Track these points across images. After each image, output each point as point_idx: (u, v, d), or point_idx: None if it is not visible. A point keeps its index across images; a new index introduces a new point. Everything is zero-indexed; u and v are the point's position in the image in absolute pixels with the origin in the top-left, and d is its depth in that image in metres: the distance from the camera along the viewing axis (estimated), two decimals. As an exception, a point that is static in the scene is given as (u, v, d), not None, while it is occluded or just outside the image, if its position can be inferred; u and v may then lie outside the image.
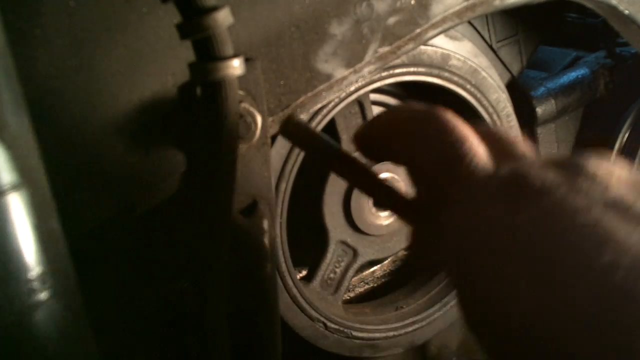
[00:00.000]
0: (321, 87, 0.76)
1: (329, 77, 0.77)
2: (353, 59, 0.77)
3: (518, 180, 0.40)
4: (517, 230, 0.38)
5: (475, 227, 0.40)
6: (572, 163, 0.40)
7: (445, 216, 0.43)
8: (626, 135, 1.31)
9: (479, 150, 0.44)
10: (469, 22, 1.13)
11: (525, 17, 1.23)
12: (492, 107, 1.10)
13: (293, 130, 0.59)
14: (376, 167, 1.04)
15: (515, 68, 1.23)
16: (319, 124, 0.94)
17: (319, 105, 0.81)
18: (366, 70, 0.79)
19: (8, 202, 0.39)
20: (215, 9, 0.55)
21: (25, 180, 0.40)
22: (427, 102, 1.22)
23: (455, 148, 0.43)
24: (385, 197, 0.53)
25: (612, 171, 0.40)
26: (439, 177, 0.44)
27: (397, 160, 0.49)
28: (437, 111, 0.46)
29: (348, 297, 1.23)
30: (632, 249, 0.34)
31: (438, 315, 1.18)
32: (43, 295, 0.40)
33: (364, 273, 1.26)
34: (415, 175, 0.48)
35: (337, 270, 1.12)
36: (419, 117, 0.47)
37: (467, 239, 0.40)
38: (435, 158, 0.44)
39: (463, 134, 0.44)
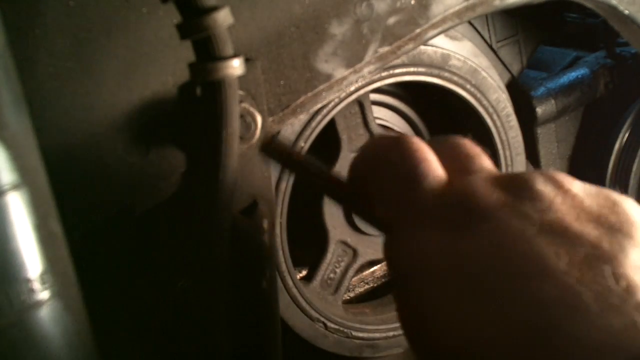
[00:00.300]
0: (321, 87, 0.76)
1: (329, 77, 0.77)
2: (353, 59, 0.77)
3: (461, 204, 0.40)
4: (455, 258, 0.37)
5: (416, 253, 0.40)
6: (519, 181, 0.40)
7: (392, 240, 0.43)
8: (626, 135, 1.31)
9: (434, 172, 0.43)
10: (469, 22, 1.13)
11: (525, 17, 1.23)
12: (492, 107, 1.10)
13: (273, 151, 0.60)
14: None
15: (515, 68, 1.23)
16: (319, 124, 0.94)
17: (319, 105, 0.81)
18: (366, 70, 0.79)
19: (8, 202, 0.39)
20: (215, 9, 0.55)
21: (25, 180, 0.40)
22: (427, 102, 1.21)
23: (410, 171, 0.43)
24: (366, 213, 0.53)
25: (560, 189, 0.39)
26: (397, 199, 0.44)
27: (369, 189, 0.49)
28: (401, 137, 0.46)
29: (348, 297, 1.23)
30: (559, 278, 0.33)
31: (438, 315, 1.17)
32: (43, 295, 0.40)
33: (364, 273, 1.26)
34: (377, 200, 0.47)
35: (337, 270, 1.12)
36: (384, 145, 0.47)
37: (408, 264, 0.40)
38: (393, 181, 0.44)
39: (421, 156, 0.44)
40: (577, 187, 0.40)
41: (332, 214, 1.09)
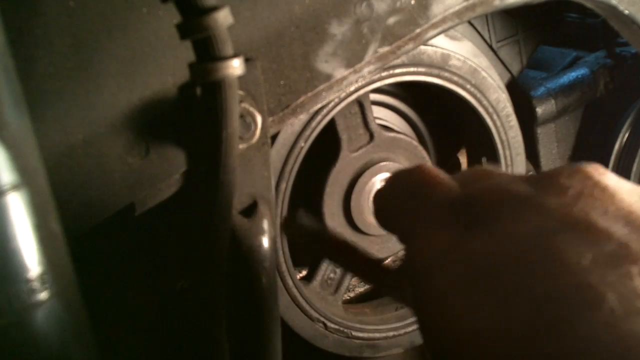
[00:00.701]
0: (321, 87, 0.76)
1: (329, 77, 0.77)
2: (353, 59, 0.77)
3: (477, 201, 0.39)
4: (470, 253, 0.37)
5: (433, 251, 0.39)
6: (543, 176, 0.39)
7: (409, 247, 0.42)
8: (626, 135, 1.31)
9: (446, 180, 0.43)
10: (469, 22, 1.13)
11: (525, 17, 1.23)
12: (492, 107, 1.10)
13: (290, 229, 0.61)
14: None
15: (515, 68, 1.23)
16: (319, 124, 0.94)
17: (319, 105, 0.81)
18: (366, 70, 0.79)
19: (8, 202, 0.39)
20: (215, 9, 0.55)
21: (25, 180, 0.40)
22: (427, 102, 1.21)
23: (424, 182, 0.44)
24: (371, 273, 0.53)
25: (588, 181, 0.37)
26: (413, 208, 0.43)
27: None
28: (417, 165, 0.46)
29: (348, 297, 1.23)
30: (579, 276, 0.32)
31: (438, 315, 1.17)
32: (43, 295, 0.40)
33: (364, 273, 1.26)
34: (394, 217, 0.47)
35: (337, 270, 1.12)
36: (400, 174, 0.47)
37: (420, 267, 0.40)
38: (408, 195, 0.44)
39: (433, 171, 0.44)
40: (610, 180, 0.37)
41: (332, 214, 1.09)
